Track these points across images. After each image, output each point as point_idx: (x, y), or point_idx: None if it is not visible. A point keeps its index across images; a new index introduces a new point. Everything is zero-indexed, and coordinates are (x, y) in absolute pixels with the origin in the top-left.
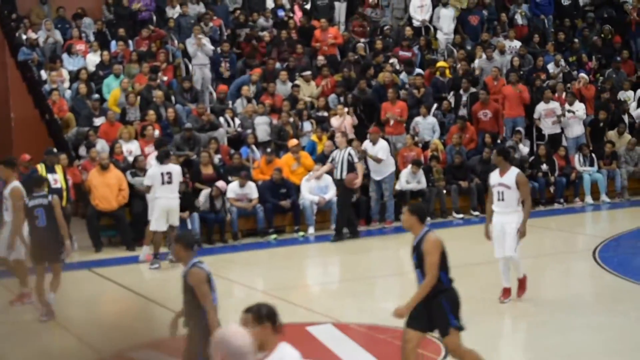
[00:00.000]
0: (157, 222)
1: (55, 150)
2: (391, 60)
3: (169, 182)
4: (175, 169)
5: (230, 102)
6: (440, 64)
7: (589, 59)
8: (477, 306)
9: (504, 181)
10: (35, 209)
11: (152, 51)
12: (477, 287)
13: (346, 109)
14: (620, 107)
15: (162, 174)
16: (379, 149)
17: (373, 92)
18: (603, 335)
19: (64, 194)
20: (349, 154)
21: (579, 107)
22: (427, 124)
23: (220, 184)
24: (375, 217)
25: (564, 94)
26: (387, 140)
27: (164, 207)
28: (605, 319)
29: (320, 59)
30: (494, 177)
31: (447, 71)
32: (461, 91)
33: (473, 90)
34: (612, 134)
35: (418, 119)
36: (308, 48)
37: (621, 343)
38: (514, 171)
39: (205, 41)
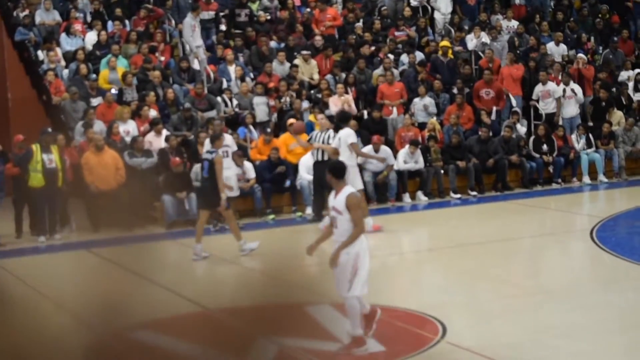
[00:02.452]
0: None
1: (50, 130)
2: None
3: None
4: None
5: (225, 82)
6: (444, 43)
7: (588, 39)
8: (474, 285)
9: (336, 204)
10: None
11: (149, 31)
12: (474, 266)
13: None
14: (620, 88)
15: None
16: (385, 155)
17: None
18: (600, 315)
19: (59, 174)
20: (329, 137)
21: (576, 88)
22: (422, 105)
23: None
24: (372, 197)
25: (560, 75)
26: (385, 121)
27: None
28: (602, 298)
29: (318, 38)
30: (330, 199)
31: (450, 51)
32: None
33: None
34: (618, 115)
35: (416, 99)
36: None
37: (618, 322)
38: (345, 192)
39: (201, 51)
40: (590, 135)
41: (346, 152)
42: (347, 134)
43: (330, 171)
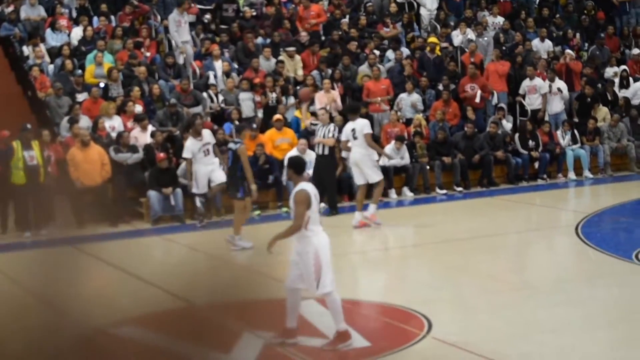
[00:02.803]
0: None
1: (29, 126)
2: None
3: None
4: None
5: (211, 77)
6: (431, 39)
7: (573, 35)
8: (459, 281)
9: (290, 200)
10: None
11: (135, 27)
12: (460, 262)
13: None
14: (605, 84)
15: None
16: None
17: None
18: (585, 310)
19: (41, 170)
20: (329, 131)
21: (561, 84)
22: (409, 101)
23: None
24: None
25: (545, 71)
26: (372, 117)
27: None
28: (587, 293)
29: (304, 34)
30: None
31: (437, 48)
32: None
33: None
34: (604, 111)
35: (403, 95)
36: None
37: (603, 317)
38: (298, 187)
39: (188, 47)
40: (576, 131)
41: (363, 143)
42: (363, 125)
43: (290, 166)
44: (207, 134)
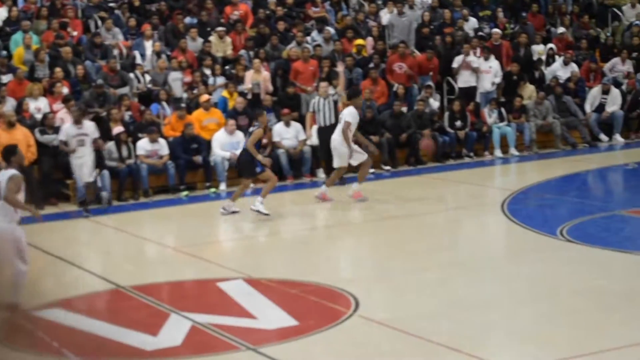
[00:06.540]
0: None
1: None
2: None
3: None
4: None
5: (138, 57)
6: (358, 42)
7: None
8: (387, 259)
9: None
10: None
11: (56, 7)
12: (388, 240)
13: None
14: (534, 63)
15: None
16: (296, 132)
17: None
18: (511, 286)
19: None
20: (328, 102)
21: (493, 63)
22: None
23: (117, 129)
24: (287, 173)
25: (478, 50)
26: (299, 96)
27: None
28: (513, 270)
29: (235, 13)
30: None
31: (364, 50)
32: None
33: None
34: (530, 89)
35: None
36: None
37: (528, 293)
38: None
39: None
40: (502, 109)
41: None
42: (347, 113)
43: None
44: (88, 125)
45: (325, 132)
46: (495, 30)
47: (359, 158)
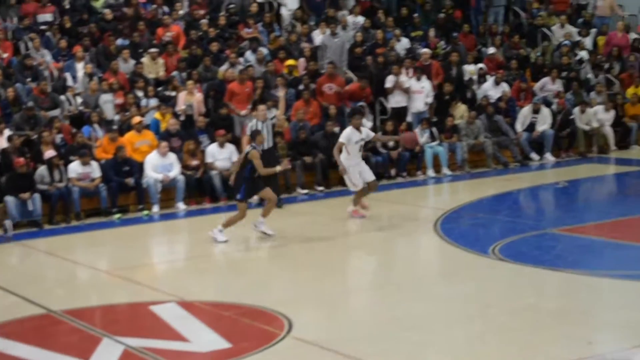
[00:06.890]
0: None
1: None
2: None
3: None
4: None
5: (69, 79)
6: (290, 62)
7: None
8: (321, 280)
9: None
10: None
11: None
12: (322, 261)
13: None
14: (465, 82)
15: None
16: (230, 153)
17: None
18: (444, 305)
19: None
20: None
21: (426, 83)
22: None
23: (49, 152)
24: (221, 195)
25: (410, 70)
26: (232, 117)
27: None
28: (446, 289)
29: (168, 35)
30: None
31: (295, 71)
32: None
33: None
34: (462, 108)
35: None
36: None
37: (461, 312)
38: None
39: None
40: (434, 129)
41: (345, 151)
42: (343, 133)
43: None
44: None
45: (263, 156)
46: (425, 50)
47: (367, 176)
